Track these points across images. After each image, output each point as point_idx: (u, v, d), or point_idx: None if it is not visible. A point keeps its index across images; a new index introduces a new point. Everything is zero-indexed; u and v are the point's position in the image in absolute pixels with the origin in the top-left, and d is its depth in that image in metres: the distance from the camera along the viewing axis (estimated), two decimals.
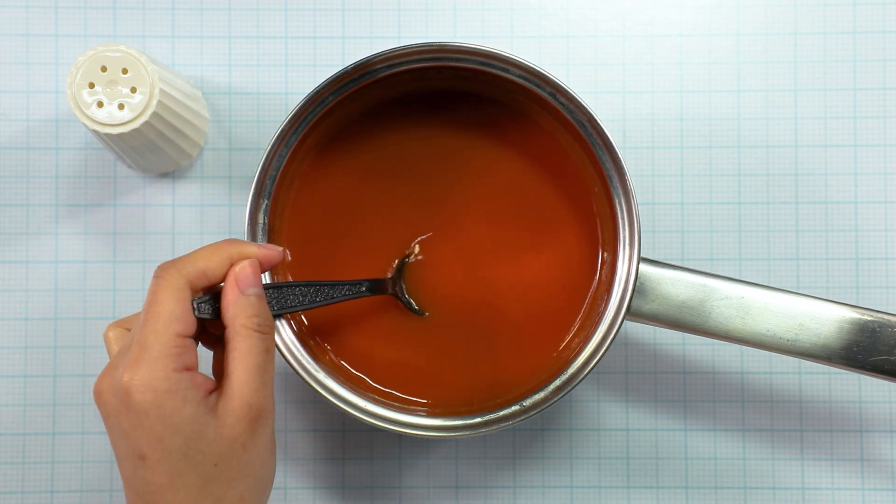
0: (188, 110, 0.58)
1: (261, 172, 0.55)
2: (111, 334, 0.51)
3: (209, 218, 0.63)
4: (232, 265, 0.49)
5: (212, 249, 0.49)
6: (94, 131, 0.55)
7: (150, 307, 0.47)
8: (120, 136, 0.55)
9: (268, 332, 0.50)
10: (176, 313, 0.47)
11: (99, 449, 0.63)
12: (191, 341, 0.48)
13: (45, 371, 0.63)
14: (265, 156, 0.55)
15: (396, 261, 0.58)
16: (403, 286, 0.57)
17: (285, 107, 0.63)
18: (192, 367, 0.48)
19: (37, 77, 0.63)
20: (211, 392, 0.48)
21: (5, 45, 0.64)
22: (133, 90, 0.54)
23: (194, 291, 0.48)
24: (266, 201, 0.56)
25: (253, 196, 0.55)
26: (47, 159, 0.63)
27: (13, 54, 0.64)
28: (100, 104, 0.54)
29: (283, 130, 0.55)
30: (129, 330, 0.50)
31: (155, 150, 0.59)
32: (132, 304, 0.63)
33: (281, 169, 0.56)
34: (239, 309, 0.49)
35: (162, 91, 0.55)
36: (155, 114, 0.55)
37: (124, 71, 0.54)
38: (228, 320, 0.49)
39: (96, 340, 0.63)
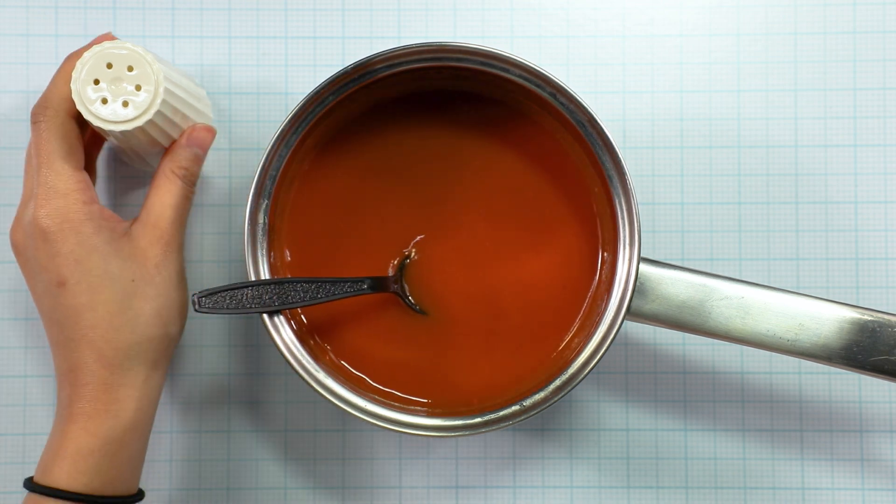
0: (192, 109, 0.58)
1: (261, 172, 0.55)
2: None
3: (209, 217, 0.63)
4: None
5: (63, 76, 0.54)
6: (98, 128, 0.55)
7: (40, 151, 0.52)
8: (123, 133, 0.55)
9: (190, 184, 0.56)
10: (64, 150, 0.53)
11: None
12: (86, 175, 0.54)
13: (44, 371, 0.63)
14: (265, 156, 0.55)
15: (397, 259, 0.58)
16: (405, 285, 0.58)
17: (285, 107, 0.63)
18: (96, 201, 0.53)
19: (37, 77, 0.63)
20: (120, 224, 0.54)
21: (5, 45, 0.64)
22: (138, 88, 0.54)
23: (72, 115, 0.53)
24: (266, 201, 0.56)
25: (253, 196, 0.55)
26: None
27: (13, 54, 0.64)
28: (104, 101, 0.54)
29: (283, 130, 0.55)
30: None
31: (159, 149, 0.59)
32: None
33: (281, 169, 0.56)
34: (175, 157, 0.56)
35: (167, 90, 0.55)
36: (159, 112, 0.55)
37: (129, 68, 0.54)
38: (162, 165, 0.56)
39: None
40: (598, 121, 0.55)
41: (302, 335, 0.56)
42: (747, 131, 0.64)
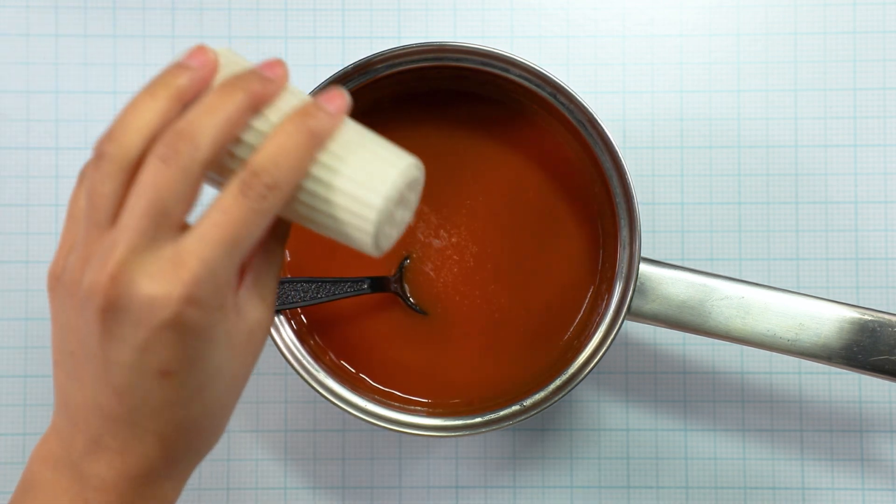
0: None
1: None
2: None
3: None
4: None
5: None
6: None
7: (223, 217, 0.39)
8: None
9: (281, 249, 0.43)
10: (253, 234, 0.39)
11: None
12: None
13: (44, 371, 0.63)
14: None
15: (397, 259, 0.58)
16: (405, 285, 0.58)
17: None
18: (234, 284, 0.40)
19: (37, 77, 0.63)
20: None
21: (5, 45, 0.64)
22: None
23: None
24: None
25: None
26: (47, 159, 0.63)
27: (13, 54, 0.64)
28: None
29: None
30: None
31: None
32: None
33: None
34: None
35: None
36: None
37: None
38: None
39: None
40: (598, 121, 0.54)
41: (302, 335, 0.56)
42: (747, 131, 0.64)
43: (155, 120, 0.38)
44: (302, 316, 0.57)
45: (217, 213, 0.39)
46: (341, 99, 0.40)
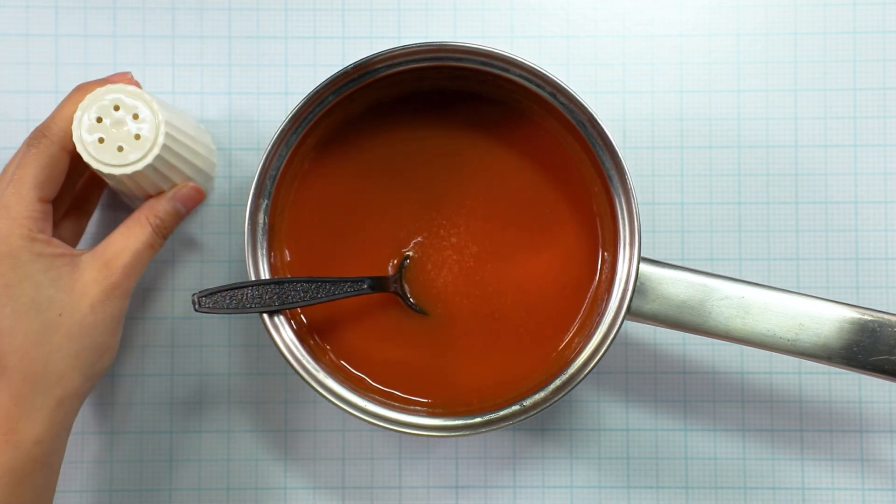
0: (189, 165, 0.58)
1: (261, 172, 0.55)
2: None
3: (209, 217, 0.63)
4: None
5: (69, 106, 0.53)
6: (87, 163, 0.54)
7: (17, 170, 0.52)
8: (110, 176, 0.54)
9: (161, 236, 0.56)
10: (40, 179, 0.52)
11: (99, 449, 0.63)
12: (49, 207, 0.53)
13: None
14: (265, 156, 0.55)
15: (397, 259, 0.58)
16: (405, 285, 0.58)
17: (285, 107, 0.63)
18: (46, 232, 0.53)
19: (37, 77, 0.63)
20: (66, 256, 0.53)
21: (5, 45, 0.64)
22: (137, 137, 0.54)
23: (66, 148, 0.53)
24: (266, 201, 0.56)
25: (253, 196, 0.55)
26: None
27: (13, 54, 0.64)
28: (101, 140, 0.54)
29: (283, 130, 0.55)
30: None
31: (147, 195, 0.58)
32: (131, 301, 0.63)
33: (281, 169, 0.56)
34: (154, 205, 0.56)
35: (165, 145, 0.54)
36: (151, 165, 0.54)
37: (135, 116, 0.54)
38: (139, 209, 0.56)
39: None
40: (598, 121, 0.55)
41: (302, 335, 0.56)
42: (747, 131, 0.64)
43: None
44: (302, 316, 0.57)
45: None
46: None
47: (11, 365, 0.51)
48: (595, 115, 0.54)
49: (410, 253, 0.58)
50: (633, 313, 0.55)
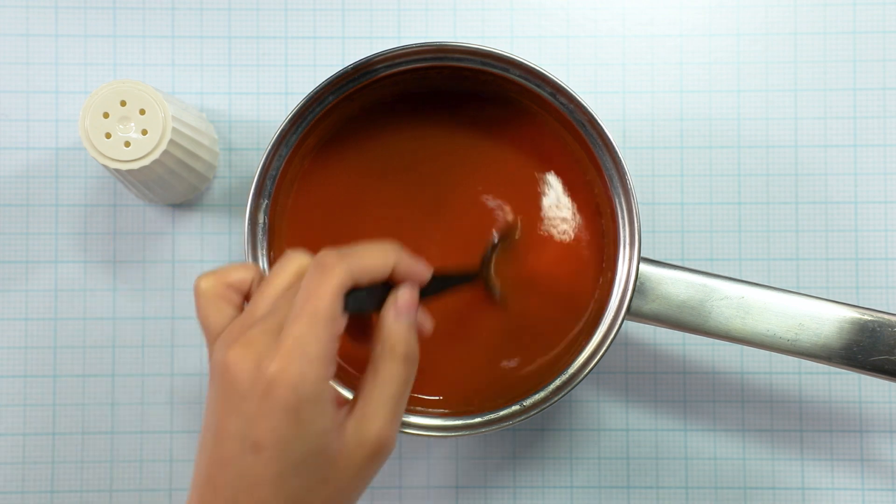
0: (194, 157, 0.58)
1: (261, 172, 0.55)
2: (207, 286, 0.46)
3: (209, 218, 0.63)
4: (393, 274, 0.46)
5: (380, 251, 0.46)
6: (94, 157, 0.55)
7: (310, 299, 0.43)
8: (117, 171, 0.55)
9: (412, 365, 0.46)
10: (337, 313, 0.43)
11: (99, 449, 0.63)
12: (338, 345, 0.44)
13: (45, 371, 0.63)
14: (265, 156, 0.55)
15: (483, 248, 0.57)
16: (490, 272, 0.57)
17: (285, 107, 0.63)
18: (334, 375, 0.45)
19: (37, 77, 0.63)
20: (341, 407, 0.45)
21: (5, 45, 0.64)
22: (144, 132, 0.55)
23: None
24: (266, 201, 0.56)
25: (253, 196, 0.55)
26: (47, 159, 0.63)
27: (13, 54, 0.64)
28: (108, 135, 0.54)
29: (283, 130, 0.55)
30: (233, 289, 0.46)
31: (154, 188, 0.59)
32: (131, 302, 0.63)
33: (281, 169, 0.56)
34: (393, 330, 0.46)
35: (171, 140, 0.55)
36: (158, 161, 0.55)
37: (142, 111, 0.55)
38: (381, 339, 0.46)
39: (96, 341, 0.63)
40: (598, 121, 0.55)
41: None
42: (747, 131, 0.64)
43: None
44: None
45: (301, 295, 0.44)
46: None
47: None
48: (595, 115, 0.54)
49: (496, 239, 0.57)
50: (633, 313, 0.55)
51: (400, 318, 0.46)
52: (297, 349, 0.42)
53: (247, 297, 0.46)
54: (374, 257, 0.45)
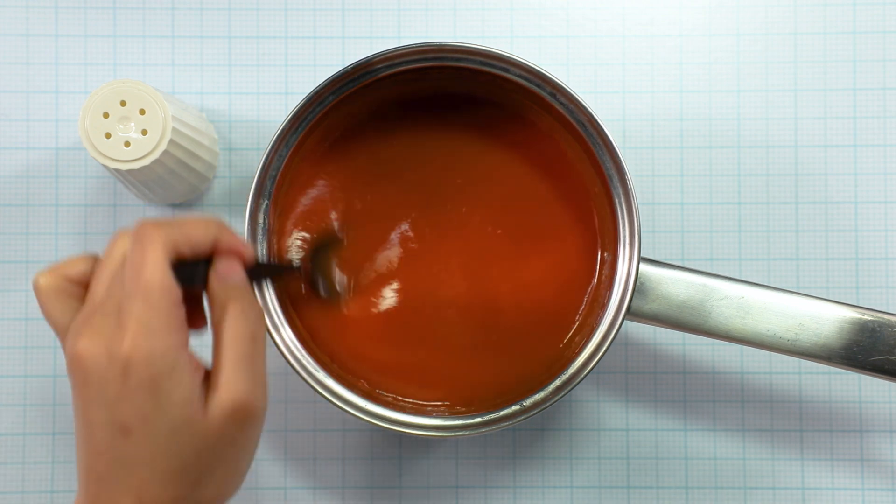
0: (193, 157, 0.58)
1: (261, 172, 0.55)
2: (46, 283, 0.46)
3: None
4: (216, 248, 0.47)
5: (201, 224, 0.47)
6: (94, 157, 0.55)
7: (138, 274, 0.43)
8: (117, 170, 0.55)
9: (252, 322, 0.46)
10: (167, 280, 0.44)
11: None
12: (183, 312, 0.45)
13: (45, 371, 0.63)
14: (265, 156, 0.55)
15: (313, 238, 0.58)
16: (321, 272, 0.57)
17: (285, 107, 0.63)
18: (186, 344, 0.45)
19: (37, 77, 0.63)
20: (202, 376, 0.45)
21: (5, 45, 0.64)
22: (144, 132, 0.55)
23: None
24: (266, 201, 0.56)
25: (253, 196, 0.55)
26: (47, 159, 0.63)
27: (13, 54, 0.64)
28: (108, 135, 0.55)
29: (283, 130, 0.55)
30: (73, 282, 0.46)
31: (154, 188, 0.59)
32: None
33: (281, 169, 0.56)
34: (219, 293, 0.46)
35: (171, 140, 0.55)
36: (158, 160, 0.55)
37: (142, 111, 0.55)
38: (212, 305, 0.47)
39: None
40: (598, 121, 0.54)
41: (302, 336, 0.56)
42: (747, 131, 0.64)
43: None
44: (302, 315, 0.57)
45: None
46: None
47: (147, 494, 0.45)
48: (595, 115, 0.54)
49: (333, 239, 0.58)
50: (633, 313, 0.55)
51: (223, 281, 0.46)
52: (140, 326, 0.42)
53: (86, 286, 0.46)
54: (194, 227, 0.46)
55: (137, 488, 0.44)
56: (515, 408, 0.55)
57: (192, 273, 0.46)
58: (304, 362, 0.55)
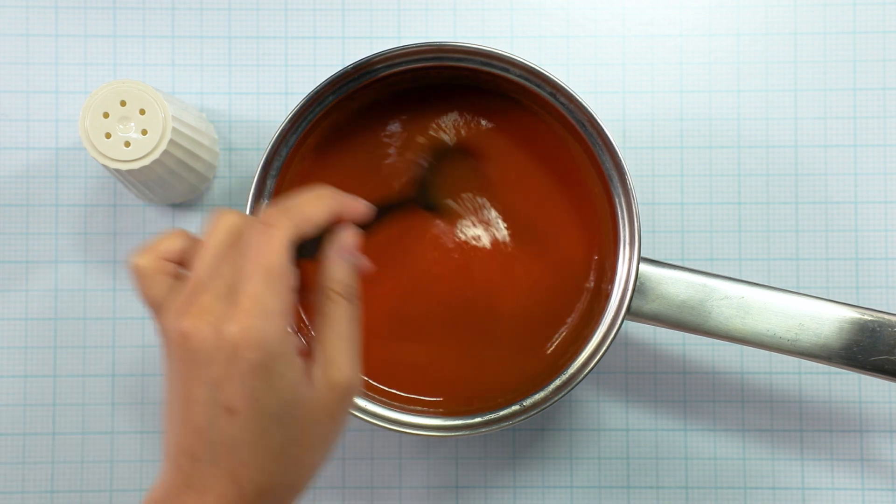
0: (193, 157, 0.58)
1: (261, 172, 0.55)
2: (145, 264, 0.46)
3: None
4: (333, 218, 0.47)
5: (316, 199, 0.47)
6: (94, 157, 0.55)
7: (260, 255, 0.44)
8: (117, 170, 0.56)
9: (357, 303, 0.48)
10: (288, 266, 0.44)
11: (100, 449, 0.63)
12: (295, 297, 0.45)
13: (45, 371, 0.63)
14: (265, 156, 0.55)
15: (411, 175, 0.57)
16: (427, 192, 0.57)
17: (285, 107, 0.63)
18: (293, 327, 0.45)
19: (37, 77, 0.63)
20: (306, 356, 0.46)
21: (5, 45, 0.64)
22: (144, 132, 0.55)
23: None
24: (266, 201, 0.56)
25: (253, 196, 0.55)
26: (47, 159, 0.63)
27: (13, 54, 0.64)
28: (108, 135, 0.55)
29: (283, 130, 0.55)
30: (171, 262, 0.46)
31: (154, 188, 0.59)
32: (131, 302, 0.63)
33: (281, 169, 0.56)
34: (337, 273, 0.47)
35: (171, 140, 0.55)
36: (158, 160, 0.55)
37: (142, 111, 0.55)
38: (328, 282, 0.47)
39: (96, 340, 0.63)
40: (598, 121, 0.55)
41: (302, 334, 0.56)
42: (747, 131, 0.64)
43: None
44: (302, 315, 0.57)
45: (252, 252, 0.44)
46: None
47: (245, 475, 0.45)
48: (595, 115, 0.54)
49: (424, 163, 0.57)
50: (633, 313, 0.55)
51: (343, 260, 0.47)
52: (256, 307, 0.43)
53: (181, 263, 0.46)
54: (313, 206, 0.46)
55: (234, 471, 0.44)
56: (515, 408, 0.55)
57: (305, 248, 0.46)
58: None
